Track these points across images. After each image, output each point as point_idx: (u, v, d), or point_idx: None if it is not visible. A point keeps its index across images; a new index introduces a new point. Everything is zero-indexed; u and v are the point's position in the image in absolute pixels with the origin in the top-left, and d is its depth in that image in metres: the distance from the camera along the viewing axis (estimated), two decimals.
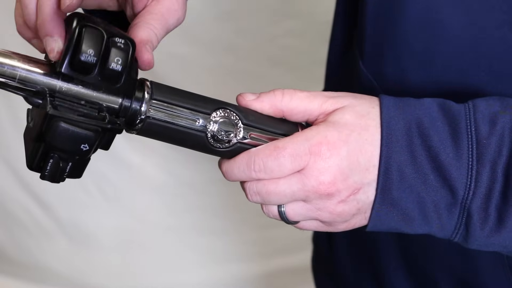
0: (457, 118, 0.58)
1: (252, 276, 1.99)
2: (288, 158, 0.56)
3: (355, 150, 0.57)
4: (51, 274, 1.99)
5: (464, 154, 0.57)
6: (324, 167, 0.56)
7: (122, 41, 0.54)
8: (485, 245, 0.59)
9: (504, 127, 0.57)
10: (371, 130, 0.58)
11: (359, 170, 0.57)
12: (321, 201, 0.58)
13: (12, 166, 1.94)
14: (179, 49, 1.87)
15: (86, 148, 0.54)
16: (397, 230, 0.60)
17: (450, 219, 0.58)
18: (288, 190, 0.57)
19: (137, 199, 2.00)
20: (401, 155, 0.57)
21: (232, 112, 0.58)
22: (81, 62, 0.52)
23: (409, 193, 0.57)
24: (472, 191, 0.56)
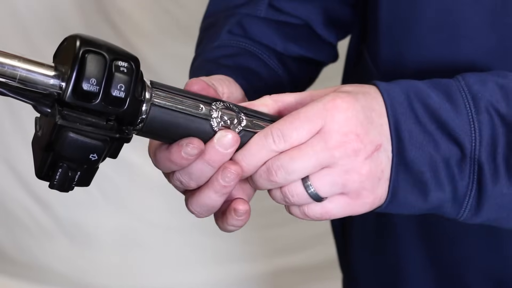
0: (448, 85, 0.59)
1: (254, 276, 1.99)
2: (304, 120, 0.55)
3: (366, 106, 0.57)
4: (51, 274, 2.00)
5: (462, 109, 0.58)
6: (343, 118, 0.55)
7: (125, 65, 0.54)
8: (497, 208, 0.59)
9: (493, 84, 0.59)
10: (372, 94, 0.58)
11: (375, 125, 0.57)
12: (347, 160, 0.55)
13: (13, 166, 1.95)
14: (179, 49, 1.87)
15: (94, 158, 0.54)
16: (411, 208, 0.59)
17: (462, 177, 0.58)
18: (312, 153, 0.55)
19: (138, 199, 2.00)
20: (406, 117, 0.57)
21: (231, 104, 0.58)
22: (84, 91, 0.53)
23: (421, 153, 0.57)
24: (478, 141, 0.57)
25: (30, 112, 0.56)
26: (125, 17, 1.85)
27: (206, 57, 0.80)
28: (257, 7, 0.81)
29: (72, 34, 0.54)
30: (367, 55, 0.82)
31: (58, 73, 0.53)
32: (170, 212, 2.01)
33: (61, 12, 1.85)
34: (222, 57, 0.78)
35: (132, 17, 1.86)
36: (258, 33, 0.81)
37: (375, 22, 0.77)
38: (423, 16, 0.70)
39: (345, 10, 0.85)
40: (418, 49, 0.72)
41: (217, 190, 0.59)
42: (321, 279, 1.93)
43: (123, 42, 1.82)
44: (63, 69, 0.53)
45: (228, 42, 0.80)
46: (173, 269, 2.01)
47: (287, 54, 0.81)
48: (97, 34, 0.61)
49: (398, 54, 0.75)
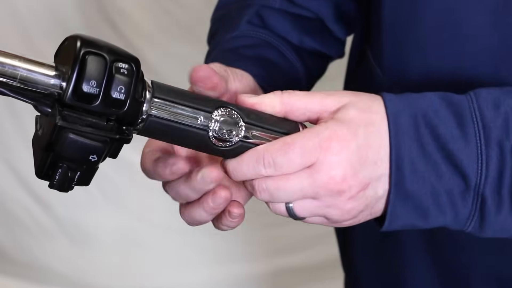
0: (461, 106, 0.58)
1: (254, 276, 1.99)
2: (298, 153, 0.56)
3: (364, 145, 0.57)
4: (51, 274, 2.00)
5: (472, 140, 0.56)
6: (335, 161, 0.56)
7: (125, 66, 0.54)
8: (500, 231, 0.59)
9: (508, 109, 0.57)
10: (376, 123, 0.57)
11: (368, 164, 0.57)
12: (331, 198, 0.57)
13: (13, 166, 1.95)
14: (179, 49, 1.87)
15: (94, 159, 0.54)
16: (412, 226, 0.60)
17: (464, 206, 0.58)
18: (298, 185, 0.56)
19: (138, 199, 2.00)
20: (411, 146, 0.57)
21: (233, 110, 0.58)
22: (84, 93, 0.53)
23: (422, 184, 0.57)
24: (484, 175, 0.56)
25: (31, 112, 0.56)
26: (125, 17, 1.85)
27: (224, 47, 0.80)
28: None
29: (72, 35, 0.54)
30: (371, 55, 0.81)
31: (59, 73, 0.53)
32: (170, 212, 2.00)
33: (61, 12, 1.85)
34: (242, 47, 0.79)
35: (132, 17, 1.86)
36: (275, 24, 0.82)
37: (378, 22, 0.77)
38: (425, 16, 0.70)
39: (351, 5, 0.86)
40: (420, 49, 0.72)
41: (206, 210, 0.62)
42: (321, 279, 1.93)
43: (123, 42, 1.82)
44: (64, 69, 0.53)
45: (247, 33, 0.80)
46: (173, 269, 2.01)
47: (303, 47, 0.82)
48: (97, 34, 0.61)
49: (401, 54, 0.75)
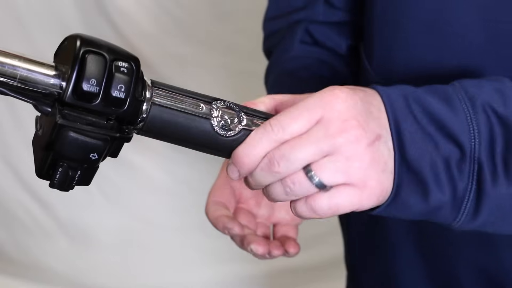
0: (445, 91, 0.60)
1: (254, 276, 1.99)
2: (303, 110, 0.55)
3: (365, 100, 0.57)
4: (51, 273, 2.00)
5: (460, 111, 0.58)
6: (343, 107, 0.55)
7: (125, 65, 0.54)
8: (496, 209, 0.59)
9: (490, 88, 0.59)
10: (370, 92, 0.58)
11: (374, 117, 0.57)
12: (349, 147, 0.55)
13: (12, 166, 1.95)
14: (179, 49, 1.87)
15: (95, 157, 0.54)
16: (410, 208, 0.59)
17: (461, 179, 0.58)
18: (313, 139, 0.55)
19: (138, 198, 2.01)
20: (406, 120, 0.58)
21: (231, 103, 0.59)
22: (84, 92, 0.53)
23: (421, 153, 0.57)
24: (478, 140, 0.57)
25: (31, 111, 0.56)
26: (125, 17, 1.85)
27: (281, 69, 0.87)
28: (316, 10, 0.88)
29: (72, 34, 0.54)
30: (363, 54, 0.83)
31: (59, 73, 0.53)
32: (170, 212, 2.01)
33: (61, 12, 1.85)
34: (298, 69, 0.86)
35: (132, 17, 1.86)
36: (325, 40, 0.88)
37: (370, 20, 0.78)
38: (415, 14, 0.71)
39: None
40: (408, 48, 0.73)
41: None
42: (321, 279, 1.93)
43: (123, 42, 1.82)
44: (64, 69, 0.53)
45: (302, 53, 0.88)
46: (173, 269, 2.01)
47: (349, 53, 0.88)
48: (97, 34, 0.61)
49: (390, 53, 0.76)
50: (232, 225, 0.74)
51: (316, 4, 0.89)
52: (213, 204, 0.79)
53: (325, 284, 1.90)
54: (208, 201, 0.81)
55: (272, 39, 0.94)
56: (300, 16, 0.90)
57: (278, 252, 0.74)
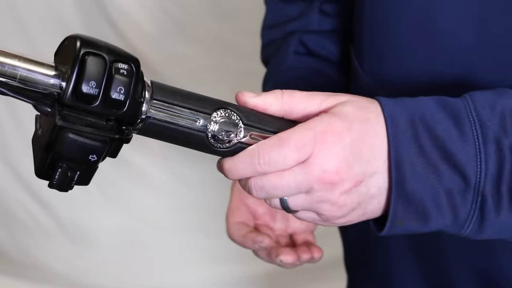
0: (457, 108, 0.58)
1: (253, 276, 1.99)
2: (293, 148, 0.56)
3: (358, 140, 0.57)
4: (51, 273, 2.00)
5: (469, 139, 0.57)
6: (329, 155, 0.56)
7: (125, 67, 0.54)
8: (498, 232, 0.59)
9: (504, 108, 0.57)
10: (371, 121, 0.57)
11: (361, 160, 0.57)
12: (324, 192, 0.57)
13: (12, 166, 1.95)
14: (179, 49, 1.87)
15: (94, 159, 0.54)
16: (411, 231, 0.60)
17: (464, 206, 0.58)
18: (293, 182, 0.57)
19: (137, 198, 2.00)
20: (409, 147, 0.57)
21: (233, 112, 0.58)
22: (84, 94, 0.53)
23: (422, 185, 0.57)
24: (484, 173, 0.56)
25: (31, 111, 0.56)
26: (125, 17, 1.85)
27: (277, 80, 0.90)
28: (310, 19, 0.91)
29: (72, 34, 0.54)
30: (353, 55, 0.83)
31: (59, 73, 0.53)
32: (170, 212, 2.01)
33: (61, 12, 1.85)
34: (293, 79, 0.89)
35: (132, 17, 1.86)
36: (319, 50, 0.91)
37: (360, 20, 0.78)
38: (402, 13, 0.71)
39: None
40: (398, 47, 0.73)
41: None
42: (321, 279, 1.93)
43: (123, 42, 1.82)
44: (64, 69, 0.53)
45: (296, 64, 0.91)
46: (173, 269, 2.01)
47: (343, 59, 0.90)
48: (97, 34, 0.61)
49: (380, 53, 0.75)
50: (262, 238, 0.78)
51: (310, 14, 0.91)
52: (234, 225, 0.82)
53: (324, 284, 1.90)
54: (228, 224, 0.83)
55: (269, 48, 0.97)
56: (294, 26, 0.92)
57: (307, 256, 0.78)
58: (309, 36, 0.91)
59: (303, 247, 0.80)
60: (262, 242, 0.78)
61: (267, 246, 0.78)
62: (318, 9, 0.91)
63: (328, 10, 0.90)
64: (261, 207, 0.84)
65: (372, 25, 0.76)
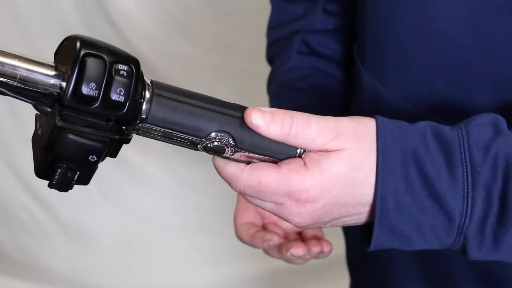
0: (451, 145, 0.58)
1: (254, 276, 1.99)
2: (267, 195, 0.58)
3: (332, 203, 0.58)
4: (51, 273, 2.00)
5: (459, 182, 0.57)
6: (297, 212, 0.58)
7: (125, 68, 0.54)
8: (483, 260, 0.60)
9: (498, 152, 0.57)
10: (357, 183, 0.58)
11: (330, 216, 0.59)
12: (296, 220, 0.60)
13: (13, 165, 1.95)
14: (179, 49, 1.87)
15: (94, 159, 0.54)
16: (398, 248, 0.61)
17: (448, 238, 0.59)
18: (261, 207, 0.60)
19: (138, 198, 2.00)
20: (397, 183, 0.57)
21: (229, 136, 0.58)
22: (84, 95, 0.53)
23: (406, 220, 0.58)
24: (469, 217, 0.57)
25: (31, 111, 0.56)
26: (126, 17, 1.85)
27: (281, 80, 0.92)
28: (314, 18, 0.92)
29: (72, 35, 0.54)
30: (357, 55, 0.84)
31: (59, 73, 0.53)
32: (170, 212, 2.01)
33: (61, 12, 1.85)
34: (296, 80, 0.90)
35: (132, 17, 1.86)
36: (322, 49, 0.92)
37: (362, 20, 0.79)
38: (402, 12, 0.72)
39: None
40: (399, 45, 0.73)
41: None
42: (321, 279, 1.93)
43: (123, 42, 1.82)
44: (64, 69, 0.53)
45: (299, 63, 0.91)
46: (173, 269, 2.01)
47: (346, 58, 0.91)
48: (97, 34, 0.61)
49: (382, 52, 0.76)
50: (271, 236, 0.78)
51: (314, 13, 0.92)
52: (242, 225, 0.83)
53: (325, 284, 1.90)
54: (237, 225, 0.84)
55: (274, 48, 0.97)
56: (298, 26, 0.93)
57: (317, 249, 0.79)
58: (312, 35, 0.92)
59: (313, 240, 0.80)
60: (271, 240, 0.78)
61: (276, 244, 0.79)
62: (322, 9, 0.92)
63: (332, 9, 0.91)
64: None
65: (375, 24, 0.76)
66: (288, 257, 0.79)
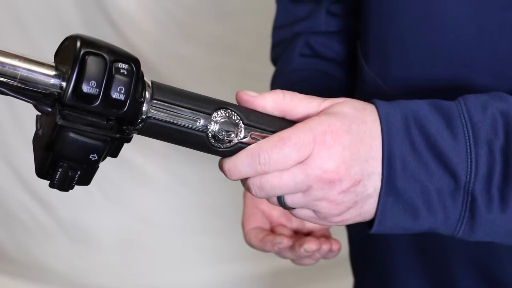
0: (449, 110, 0.59)
1: (255, 276, 1.99)
2: (293, 148, 0.56)
3: (356, 141, 0.57)
4: (51, 273, 2.00)
5: (461, 139, 0.57)
6: (328, 155, 0.57)
7: (125, 67, 0.54)
8: (490, 232, 0.60)
9: (494, 111, 0.58)
10: (369, 123, 0.58)
11: (360, 160, 0.58)
12: (322, 191, 0.58)
13: (13, 165, 1.95)
14: (179, 49, 1.87)
15: (95, 158, 0.54)
16: (402, 228, 0.61)
17: (455, 206, 0.58)
18: (292, 182, 0.57)
19: (138, 198, 2.01)
20: (402, 145, 0.58)
21: (233, 112, 0.58)
22: (84, 94, 0.53)
23: (412, 182, 0.58)
24: (474, 174, 0.57)
25: (31, 111, 0.57)
26: (125, 17, 1.85)
27: (282, 82, 0.92)
28: (318, 19, 0.92)
29: (72, 34, 0.54)
30: (360, 51, 0.84)
31: (59, 73, 0.53)
32: (171, 212, 2.01)
33: (61, 12, 1.85)
34: (298, 81, 0.90)
35: (132, 17, 1.86)
36: (325, 51, 0.92)
37: (366, 18, 0.79)
38: (406, 8, 0.72)
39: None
40: (401, 42, 0.73)
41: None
42: (322, 279, 1.93)
43: (123, 42, 1.82)
44: (64, 69, 0.53)
45: (301, 66, 0.92)
46: (173, 269, 2.01)
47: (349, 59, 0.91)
48: (97, 34, 0.61)
49: (385, 49, 0.76)
50: (281, 239, 0.79)
51: (318, 14, 0.92)
52: (251, 231, 0.83)
53: (326, 283, 1.90)
54: (245, 231, 0.84)
55: (278, 49, 0.98)
56: (301, 27, 0.93)
57: (326, 246, 0.78)
58: (315, 37, 0.92)
59: (322, 238, 0.80)
60: (281, 243, 0.78)
61: (286, 246, 0.79)
62: (325, 10, 0.92)
63: (336, 11, 0.92)
64: (276, 211, 0.85)
65: (378, 20, 0.76)
66: (301, 253, 0.78)
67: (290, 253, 0.80)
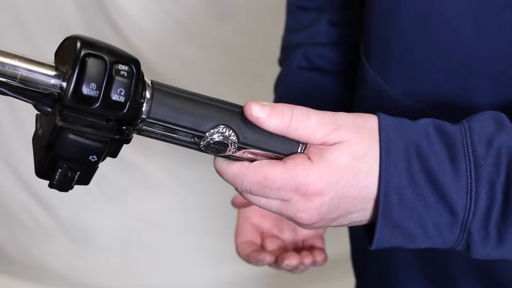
0: (454, 140, 0.58)
1: (255, 276, 1.99)
2: (274, 191, 0.57)
3: (339, 196, 0.58)
4: (51, 273, 2.00)
5: (462, 176, 0.57)
6: (304, 208, 0.58)
7: (125, 68, 0.54)
8: (487, 258, 0.60)
9: (500, 146, 0.57)
10: (361, 175, 0.58)
11: (337, 211, 0.59)
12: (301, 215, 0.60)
13: (13, 166, 1.95)
14: (179, 49, 1.87)
15: (94, 159, 0.54)
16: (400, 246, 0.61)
17: (452, 235, 0.58)
18: (268, 208, 0.60)
19: (138, 199, 2.01)
20: (401, 178, 0.57)
21: (231, 130, 0.58)
22: (84, 96, 0.53)
23: (409, 215, 0.58)
24: (472, 212, 0.57)
25: (31, 111, 0.56)
26: (126, 17, 1.85)
27: (280, 94, 0.96)
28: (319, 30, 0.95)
29: (72, 35, 0.54)
30: (362, 51, 0.84)
31: (59, 73, 0.53)
32: (171, 212, 2.01)
33: (61, 12, 1.85)
34: (295, 94, 0.94)
35: (133, 17, 1.86)
36: (323, 64, 0.95)
37: (368, 18, 0.79)
38: (407, 7, 0.72)
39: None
40: (402, 41, 0.74)
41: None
42: (323, 279, 1.93)
43: (124, 42, 1.82)
44: (64, 69, 0.53)
45: (299, 79, 0.95)
46: (173, 269, 2.01)
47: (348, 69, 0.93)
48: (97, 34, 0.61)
49: (387, 48, 0.76)
50: (263, 256, 0.85)
51: (320, 23, 0.94)
52: (241, 244, 0.90)
53: (326, 284, 1.90)
54: (236, 244, 0.90)
55: (283, 54, 1.01)
56: (303, 36, 0.96)
57: (308, 260, 0.84)
58: (313, 49, 0.95)
59: (305, 251, 0.85)
60: (264, 260, 0.84)
61: (269, 263, 0.84)
62: (327, 20, 0.93)
63: (337, 20, 0.93)
64: (267, 223, 0.90)
65: (380, 19, 0.77)
66: (284, 268, 0.84)
67: (275, 266, 0.85)
